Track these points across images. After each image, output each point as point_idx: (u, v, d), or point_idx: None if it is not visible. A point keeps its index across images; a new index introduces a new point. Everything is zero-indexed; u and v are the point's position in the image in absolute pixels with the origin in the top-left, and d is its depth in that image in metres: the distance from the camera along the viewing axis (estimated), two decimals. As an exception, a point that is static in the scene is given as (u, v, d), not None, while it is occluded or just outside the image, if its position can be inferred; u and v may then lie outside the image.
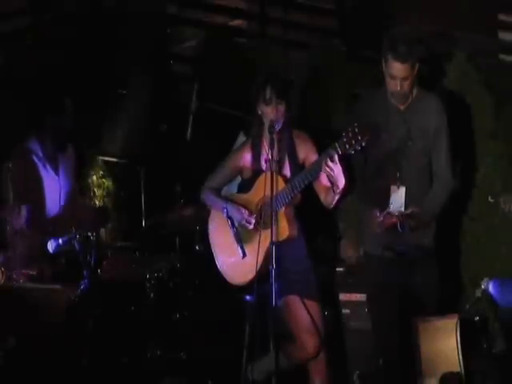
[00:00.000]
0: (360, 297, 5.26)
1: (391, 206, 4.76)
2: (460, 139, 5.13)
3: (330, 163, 4.46)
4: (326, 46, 6.20)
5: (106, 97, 6.58)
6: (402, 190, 4.80)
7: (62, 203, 5.23)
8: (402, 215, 4.71)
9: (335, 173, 4.49)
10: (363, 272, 5.08)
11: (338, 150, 4.45)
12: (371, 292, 5.00)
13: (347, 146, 4.42)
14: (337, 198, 4.65)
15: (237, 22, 8.09)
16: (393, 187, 4.80)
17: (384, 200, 4.80)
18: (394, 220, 4.71)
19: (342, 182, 4.53)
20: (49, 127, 5.13)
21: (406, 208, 4.75)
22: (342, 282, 5.41)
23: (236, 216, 4.81)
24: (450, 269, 5.28)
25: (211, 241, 4.97)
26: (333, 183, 4.55)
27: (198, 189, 5.02)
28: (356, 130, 4.40)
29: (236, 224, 4.83)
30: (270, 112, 4.69)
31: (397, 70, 4.70)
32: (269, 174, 4.57)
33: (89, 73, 6.45)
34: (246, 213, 4.79)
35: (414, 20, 6.39)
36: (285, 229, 4.70)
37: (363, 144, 4.40)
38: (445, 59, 5.62)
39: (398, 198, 4.79)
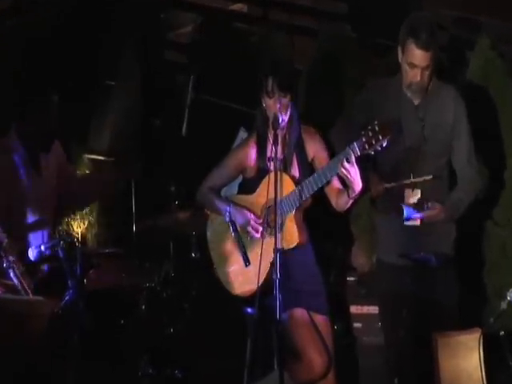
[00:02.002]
0: (373, 309, 5.25)
1: (405, 212, 4.74)
2: (483, 134, 5.10)
3: (346, 165, 4.39)
4: (335, 32, 6.14)
5: (92, 88, 6.59)
6: (417, 193, 4.77)
7: (44, 208, 5.16)
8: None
9: (352, 175, 4.41)
10: (376, 281, 5.07)
11: (357, 150, 4.37)
12: (384, 303, 4.99)
13: (367, 147, 4.33)
14: (351, 202, 4.61)
15: (237, 6, 8.08)
16: (407, 190, 4.78)
17: (399, 205, 4.78)
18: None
19: (358, 185, 4.46)
20: (31, 125, 5.05)
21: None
22: (354, 292, 5.41)
23: (240, 220, 4.75)
24: (473, 278, 5.28)
25: (210, 247, 4.91)
26: (348, 186, 4.50)
27: (194, 189, 4.96)
28: (377, 128, 4.30)
29: (239, 229, 4.77)
30: (273, 105, 4.64)
31: (419, 59, 4.68)
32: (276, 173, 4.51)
33: (74, 61, 6.41)
34: (252, 217, 4.73)
35: (431, 3, 6.35)
36: (294, 235, 4.64)
37: (384, 144, 4.30)
38: (467, 47, 5.64)
39: (412, 203, 4.78)
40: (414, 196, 4.79)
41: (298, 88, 4.89)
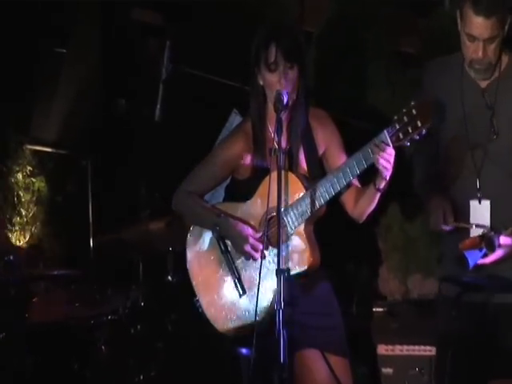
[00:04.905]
0: (408, 349, 5.32)
1: (472, 228, 4.66)
2: None
3: (385, 147, 4.30)
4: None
5: (37, 58, 6.44)
6: (486, 205, 4.71)
7: None
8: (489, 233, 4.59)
9: (392, 160, 4.33)
10: (412, 315, 5.07)
11: (388, 140, 4.28)
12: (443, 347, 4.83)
13: (401, 136, 4.26)
14: (377, 199, 4.53)
15: None
16: (473, 202, 4.71)
17: (460, 219, 4.71)
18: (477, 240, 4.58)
19: (390, 169, 4.37)
20: None
21: (492, 229, 4.60)
22: (382, 328, 5.45)
23: (234, 237, 4.66)
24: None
25: (190, 271, 4.82)
26: (377, 175, 4.40)
27: (170, 193, 4.81)
28: (414, 111, 4.22)
29: (230, 248, 4.69)
30: (276, 81, 4.53)
31: (479, 29, 4.54)
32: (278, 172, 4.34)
33: (11, 22, 6.28)
34: (250, 233, 4.63)
35: None
36: (304, 255, 4.56)
37: (424, 132, 4.21)
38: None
39: (480, 217, 4.72)
40: (482, 208, 4.74)
41: (306, 58, 4.75)
